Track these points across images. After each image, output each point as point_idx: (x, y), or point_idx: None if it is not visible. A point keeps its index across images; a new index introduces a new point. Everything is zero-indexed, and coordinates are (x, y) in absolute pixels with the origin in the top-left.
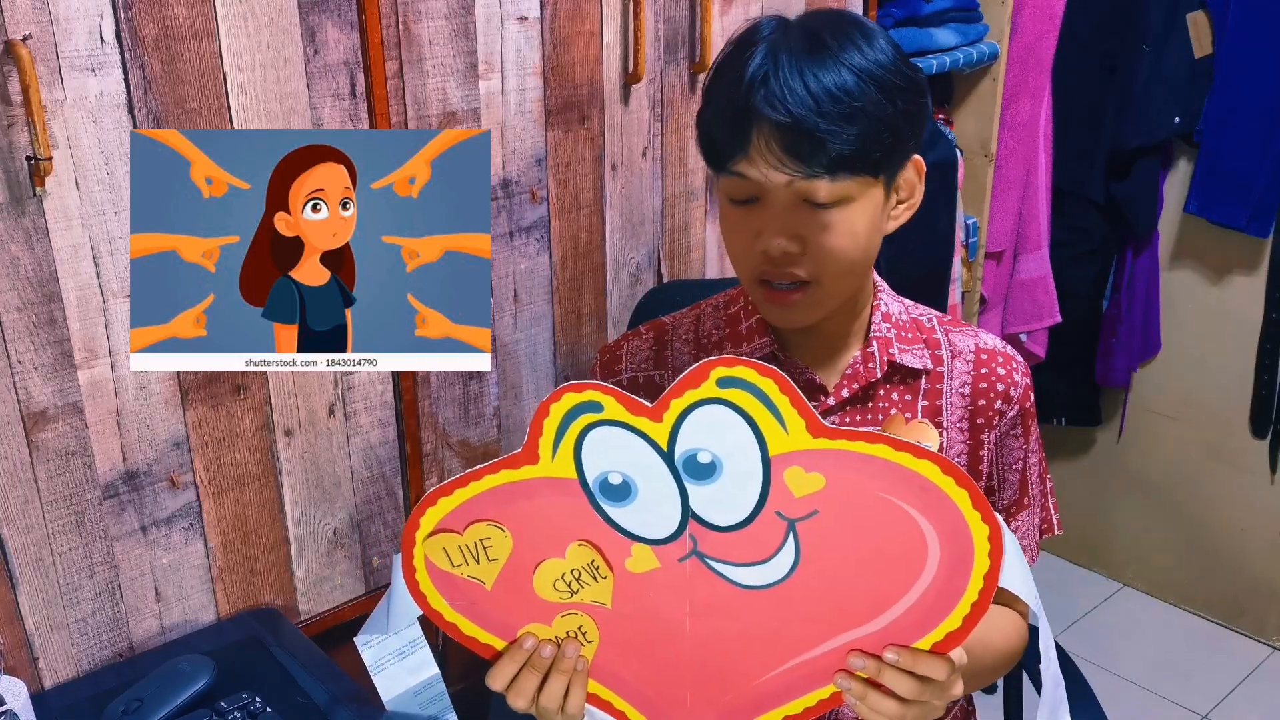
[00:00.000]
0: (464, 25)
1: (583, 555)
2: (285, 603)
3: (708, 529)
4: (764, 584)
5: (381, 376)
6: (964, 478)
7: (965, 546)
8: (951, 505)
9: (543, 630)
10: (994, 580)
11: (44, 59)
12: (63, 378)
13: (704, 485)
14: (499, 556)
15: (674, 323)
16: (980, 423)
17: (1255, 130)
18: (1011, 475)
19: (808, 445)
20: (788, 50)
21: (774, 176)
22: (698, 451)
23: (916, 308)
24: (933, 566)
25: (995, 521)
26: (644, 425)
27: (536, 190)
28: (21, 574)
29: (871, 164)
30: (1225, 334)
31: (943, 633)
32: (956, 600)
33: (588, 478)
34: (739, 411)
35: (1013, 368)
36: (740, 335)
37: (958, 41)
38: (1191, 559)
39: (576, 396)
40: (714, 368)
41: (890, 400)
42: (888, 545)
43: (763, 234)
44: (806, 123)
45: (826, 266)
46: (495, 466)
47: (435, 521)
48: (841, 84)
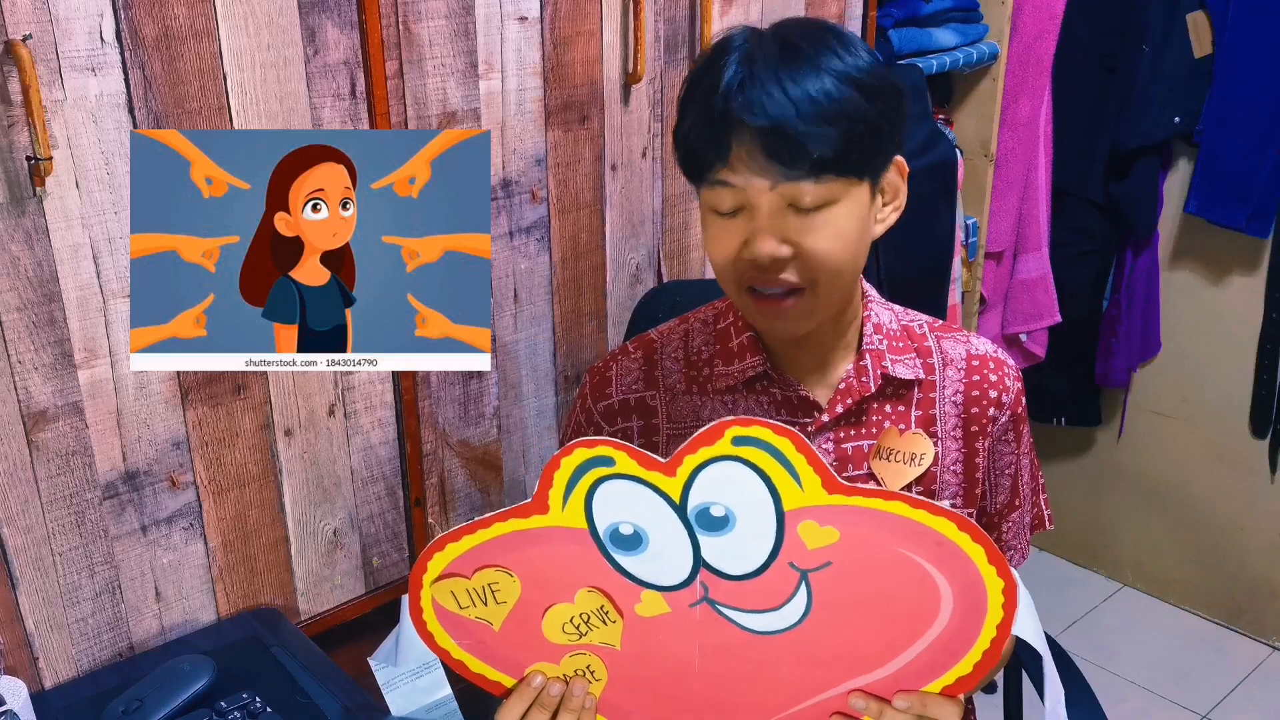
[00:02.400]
0: (464, 25)
1: (592, 600)
2: (285, 603)
3: (719, 577)
4: (775, 630)
5: (381, 376)
6: (980, 534)
7: (979, 598)
8: (967, 560)
9: (551, 669)
10: (1006, 630)
11: (44, 59)
12: (63, 378)
13: (717, 536)
14: (507, 600)
15: (662, 340)
16: (974, 430)
17: (1255, 130)
18: (1004, 480)
19: (823, 501)
20: (762, 57)
21: (757, 183)
22: (711, 505)
23: (907, 313)
24: (945, 616)
25: (1010, 576)
26: (657, 479)
27: (536, 190)
28: (21, 574)
29: (854, 165)
30: (1225, 334)
31: (953, 677)
32: (968, 648)
33: (598, 528)
34: (754, 469)
35: (1004, 373)
36: (731, 353)
37: (958, 41)
38: (1191, 559)
39: (588, 452)
40: (729, 427)
41: (884, 414)
42: (900, 595)
43: (750, 241)
44: (787, 126)
45: (818, 270)
46: (505, 515)
47: (443, 566)
48: (819, 87)
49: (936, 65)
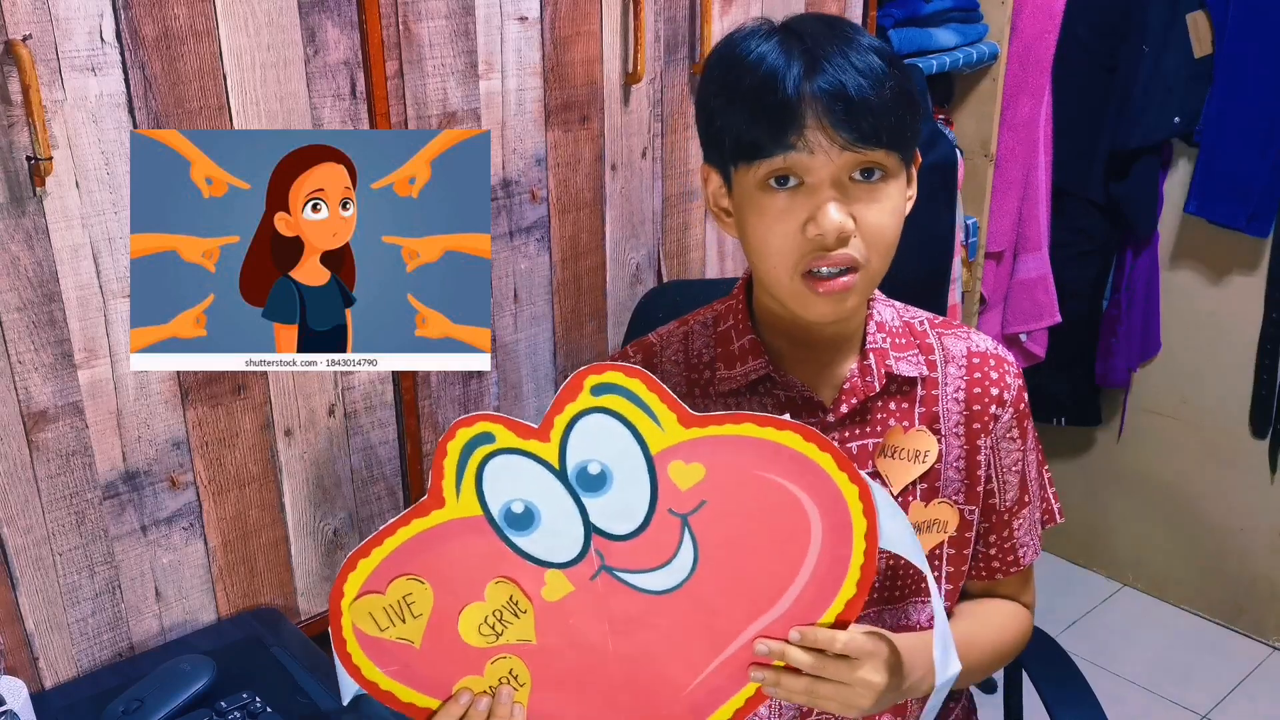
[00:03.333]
0: (464, 25)
1: (501, 593)
2: (285, 603)
3: (610, 540)
4: (671, 587)
5: (381, 376)
6: (825, 443)
7: (842, 511)
8: (820, 471)
9: (476, 682)
10: (874, 539)
11: (44, 59)
12: (63, 378)
13: (599, 497)
14: (423, 612)
15: (661, 342)
16: (976, 428)
17: (1255, 130)
18: (1011, 477)
19: (683, 437)
20: (810, 37)
21: (823, 155)
22: (587, 463)
23: (908, 310)
24: (818, 536)
25: (862, 481)
26: (534, 447)
27: (536, 190)
28: (22, 574)
29: (907, 140)
30: (1225, 334)
31: (842, 602)
32: (846, 566)
33: (492, 511)
34: (616, 417)
35: (1005, 370)
36: (733, 356)
37: (958, 41)
38: (1191, 559)
39: (468, 430)
40: (586, 376)
41: (888, 411)
42: (774, 524)
43: (816, 216)
44: (855, 93)
45: (875, 245)
46: (406, 518)
47: (359, 585)
48: (871, 63)
49: (936, 65)
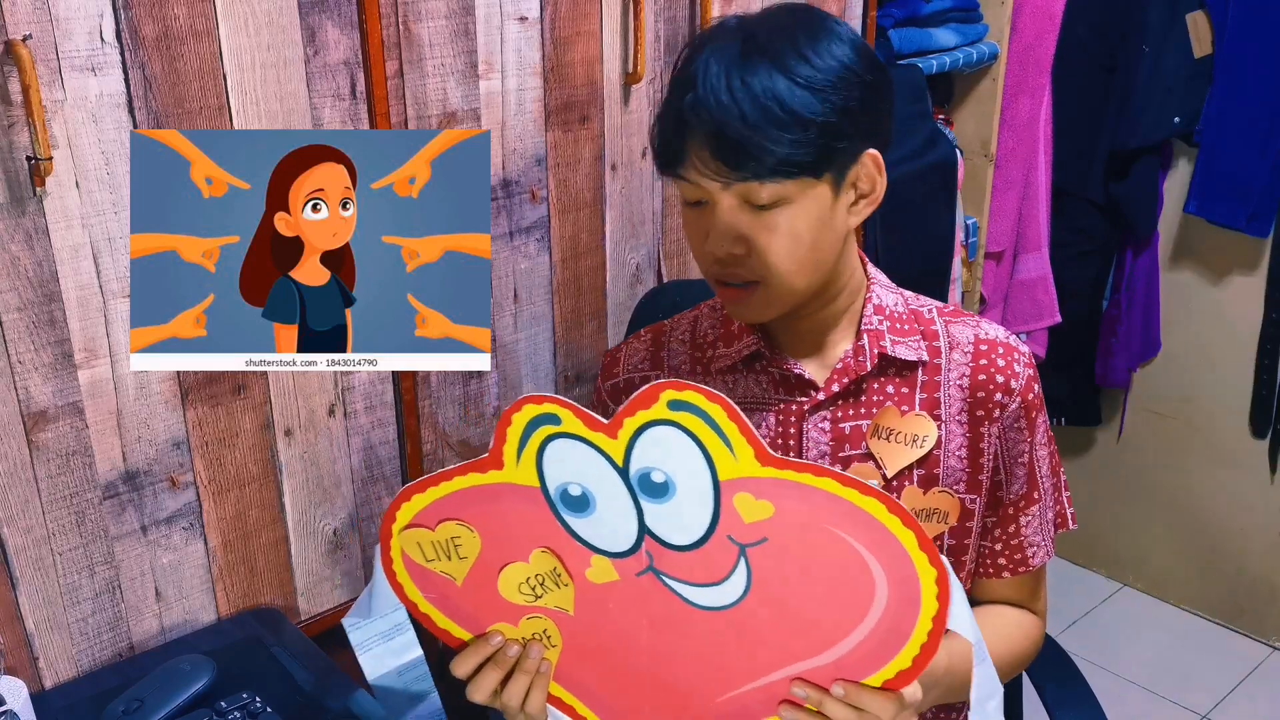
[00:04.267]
0: (464, 25)
1: (545, 562)
2: (285, 603)
3: (663, 546)
4: (717, 605)
5: (381, 376)
6: (910, 519)
7: (912, 586)
8: (898, 545)
9: (510, 630)
10: (942, 623)
11: (44, 59)
12: (63, 378)
13: (658, 503)
14: (469, 555)
15: (673, 324)
16: (980, 415)
17: (1255, 130)
18: (1018, 469)
19: (756, 473)
20: (720, 56)
21: (708, 183)
22: (651, 470)
23: (917, 299)
24: (881, 603)
25: (942, 565)
26: (600, 441)
27: (536, 190)
28: (22, 574)
29: (806, 166)
30: (1225, 334)
31: (894, 670)
32: (905, 639)
33: (549, 487)
34: (689, 435)
35: (1014, 359)
36: (732, 334)
37: (958, 41)
38: (1191, 559)
39: (536, 408)
40: (664, 390)
41: (884, 394)
42: (836, 578)
43: (710, 236)
44: (729, 130)
45: (771, 267)
46: (464, 469)
47: (410, 516)
48: (769, 89)
49: (936, 65)
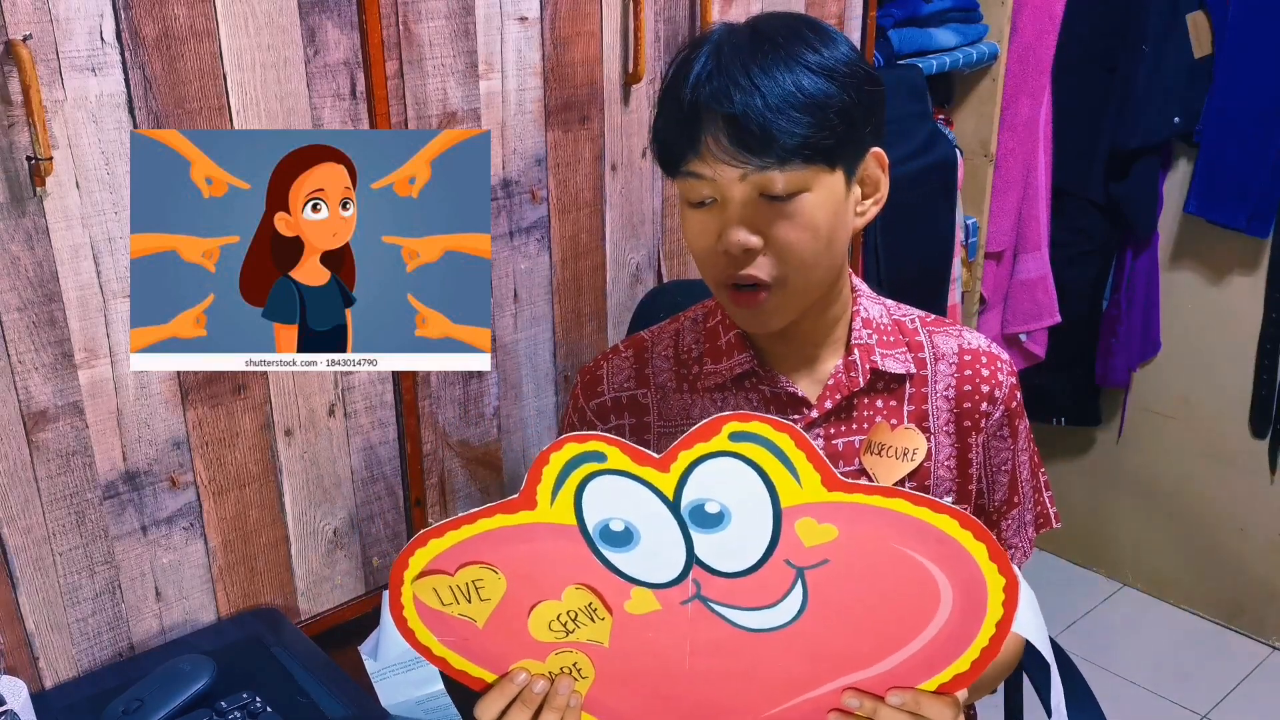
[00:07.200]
0: (464, 25)
1: (580, 598)
2: (285, 603)
3: (713, 575)
4: (768, 627)
5: (381, 376)
6: (981, 531)
7: (980, 597)
8: (968, 558)
9: (536, 666)
10: (1006, 628)
11: (44, 59)
12: (63, 378)
13: (710, 533)
14: (491, 596)
15: (653, 338)
16: (967, 425)
17: (1255, 130)
18: (1001, 477)
19: (822, 498)
20: (732, 48)
21: (726, 172)
22: (705, 501)
23: (899, 308)
24: (944, 614)
25: (1012, 574)
26: (649, 475)
27: (536, 190)
28: (22, 574)
29: (824, 152)
30: (1225, 334)
31: (950, 674)
32: (966, 645)
33: (588, 525)
34: (751, 465)
35: (997, 368)
36: (719, 350)
37: (958, 41)
38: (1191, 559)
39: (579, 447)
40: (727, 423)
41: (874, 409)
42: (899, 593)
43: (723, 233)
44: (752, 113)
45: (790, 261)
46: (491, 511)
47: (425, 562)
48: (788, 76)
49: (936, 65)
